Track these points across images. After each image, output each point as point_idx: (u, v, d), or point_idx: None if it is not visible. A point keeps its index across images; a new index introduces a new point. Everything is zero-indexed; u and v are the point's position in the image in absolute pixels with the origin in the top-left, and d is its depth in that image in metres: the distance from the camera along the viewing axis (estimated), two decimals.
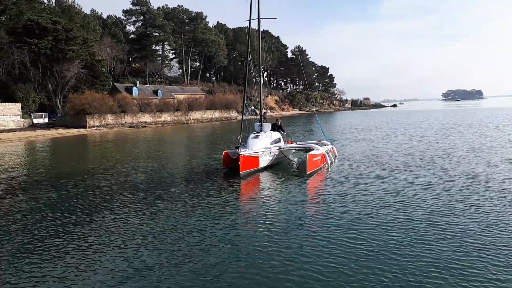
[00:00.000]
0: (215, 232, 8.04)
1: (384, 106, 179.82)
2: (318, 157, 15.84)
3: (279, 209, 9.72)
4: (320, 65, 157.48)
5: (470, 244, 7.10)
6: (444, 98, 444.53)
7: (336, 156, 19.08)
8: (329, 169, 16.01)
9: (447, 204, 9.60)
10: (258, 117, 18.13)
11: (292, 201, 10.60)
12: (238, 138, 16.06)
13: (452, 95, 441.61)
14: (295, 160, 17.87)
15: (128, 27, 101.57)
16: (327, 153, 17.35)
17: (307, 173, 14.49)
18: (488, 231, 7.72)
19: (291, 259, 6.61)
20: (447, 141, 23.41)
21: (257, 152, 15.35)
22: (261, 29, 18.80)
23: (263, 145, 15.80)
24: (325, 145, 18.49)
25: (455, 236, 7.46)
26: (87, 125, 56.96)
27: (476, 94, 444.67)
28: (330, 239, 7.47)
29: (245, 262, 6.49)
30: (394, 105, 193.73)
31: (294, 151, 18.20)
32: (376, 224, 8.24)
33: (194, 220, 8.98)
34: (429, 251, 6.82)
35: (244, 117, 17.87)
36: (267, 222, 8.58)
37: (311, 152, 15.49)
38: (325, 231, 7.93)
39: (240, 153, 14.55)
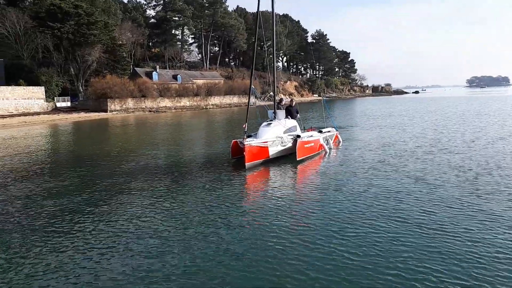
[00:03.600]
0: (212, 229, 7.79)
1: (406, 93, 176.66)
2: (312, 144, 15.59)
3: (279, 203, 9.35)
4: (340, 50, 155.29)
5: (471, 240, 7.10)
6: (468, 85, 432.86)
7: (340, 142, 19.05)
8: (329, 155, 15.87)
9: (455, 203, 9.13)
10: (272, 103, 17.05)
11: (288, 193, 10.38)
12: (243, 126, 14.84)
13: (477, 82, 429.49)
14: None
15: (148, 12, 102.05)
16: (327, 140, 17.24)
17: (297, 159, 14.33)
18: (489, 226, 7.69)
19: (288, 255, 6.57)
20: (463, 131, 22.90)
21: (266, 142, 14.25)
22: (282, 13, 17.98)
23: (274, 134, 14.71)
24: (328, 131, 18.28)
25: (460, 237, 7.27)
26: (108, 109, 57.90)
27: (502, 81, 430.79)
28: (329, 234, 7.35)
29: (244, 257, 6.43)
30: (416, 92, 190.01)
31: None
32: (378, 218, 8.08)
33: (193, 213, 8.80)
34: (430, 248, 6.76)
35: (259, 103, 17.39)
36: (267, 218, 8.30)
37: (302, 139, 15.13)
38: (322, 225, 7.73)
39: (246, 143, 13.47)
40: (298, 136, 15.39)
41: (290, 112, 16.81)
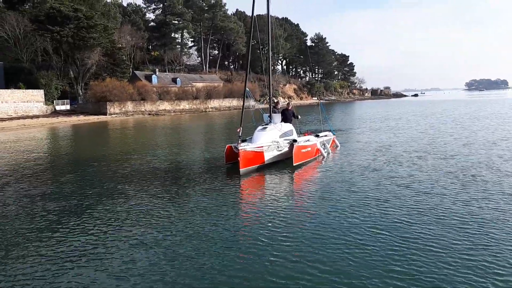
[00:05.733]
0: (203, 237, 7.66)
1: (405, 96, 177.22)
2: (309, 148, 15.17)
3: (274, 212, 9.12)
4: (340, 53, 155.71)
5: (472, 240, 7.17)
6: (467, 88, 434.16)
7: (338, 146, 18.78)
8: (326, 161, 15.53)
9: (448, 213, 9.17)
10: (267, 106, 16.48)
11: (284, 200, 10.11)
12: (238, 130, 14.42)
13: (476, 85, 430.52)
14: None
15: (147, 15, 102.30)
16: (324, 144, 16.82)
17: (294, 164, 13.90)
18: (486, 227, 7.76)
19: (285, 260, 6.65)
20: (459, 136, 22.96)
21: (262, 147, 13.75)
22: (281, 16, 17.74)
23: (270, 139, 14.24)
24: (325, 135, 17.89)
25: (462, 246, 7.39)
26: (108, 112, 57.97)
27: (501, 84, 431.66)
28: (325, 243, 7.31)
29: (236, 265, 6.41)
30: (415, 95, 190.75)
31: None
32: (374, 228, 7.99)
33: (184, 220, 8.64)
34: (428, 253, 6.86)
35: (258, 107, 16.99)
36: (261, 227, 8.13)
37: (299, 144, 14.66)
38: (317, 235, 7.57)
39: (240, 148, 12.93)
40: (295, 141, 14.91)
41: (286, 116, 16.43)
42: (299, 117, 17.68)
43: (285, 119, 16.24)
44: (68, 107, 62.26)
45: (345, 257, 6.52)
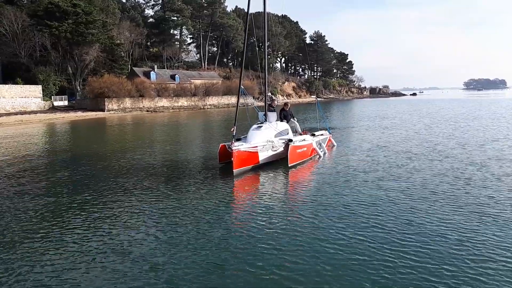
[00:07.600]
0: (192, 240, 7.58)
1: (404, 95, 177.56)
2: (304, 148, 14.91)
3: (267, 214, 9.03)
4: (339, 51, 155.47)
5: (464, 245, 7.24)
6: (465, 87, 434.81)
7: (334, 145, 18.64)
8: (322, 161, 15.35)
9: (449, 210, 9.35)
10: (262, 104, 16.09)
11: (278, 202, 9.91)
12: (231, 130, 14.11)
13: (474, 84, 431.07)
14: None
15: (146, 11, 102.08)
16: (320, 144, 16.58)
17: (289, 165, 13.59)
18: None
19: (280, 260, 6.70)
20: (455, 135, 23.04)
21: (256, 147, 13.39)
22: (280, 14, 17.63)
23: (265, 138, 13.90)
24: (321, 134, 17.69)
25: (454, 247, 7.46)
26: (106, 108, 57.93)
27: (499, 84, 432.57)
28: (324, 240, 7.44)
29: (226, 267, 6.51)
30: (414, 94, 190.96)
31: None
32: (368, 231, 8.01)
33: (172, 223, 8.48)
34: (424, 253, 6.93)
35: (257, 104, 16.69)
36: (252, 230, 7.98)
37: (294, 144, 14.29)
38: (311, 238, 7.50)
39: (234, 148, 12.63)
40: (290, 140, 14.56)
41: (286, 117, 16.26)
42: (295, 119, 17.62)
43: (284, 119, 16.10)
44: (66, 103, 62.21)
45: (338, 259, 6.56)
